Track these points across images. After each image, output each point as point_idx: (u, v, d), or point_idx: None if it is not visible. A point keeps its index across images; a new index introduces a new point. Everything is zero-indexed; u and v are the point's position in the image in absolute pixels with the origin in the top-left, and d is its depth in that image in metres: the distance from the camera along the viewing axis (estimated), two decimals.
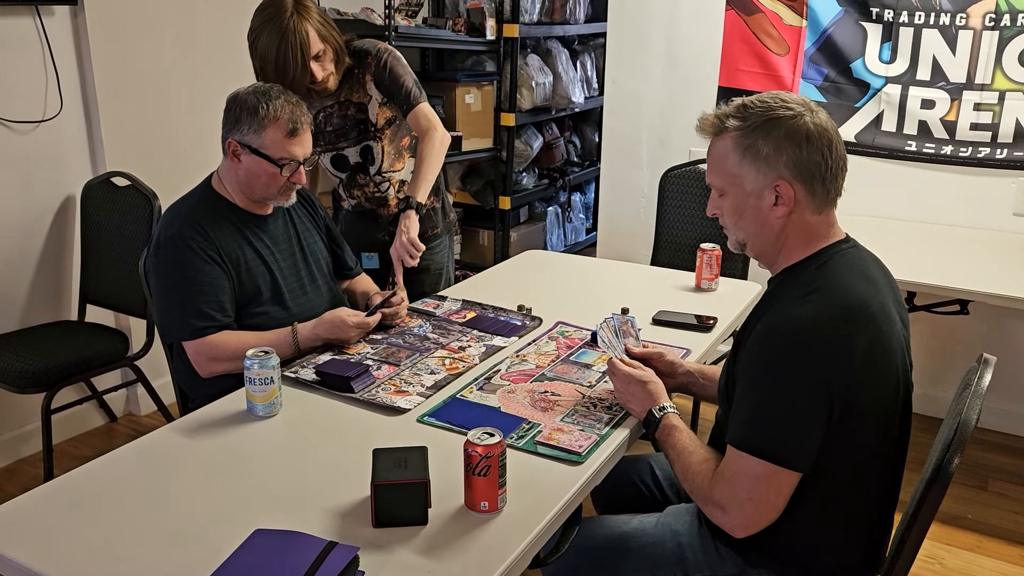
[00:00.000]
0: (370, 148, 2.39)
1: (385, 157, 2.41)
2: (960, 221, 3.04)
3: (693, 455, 1.39)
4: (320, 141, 2.39)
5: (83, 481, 1.35)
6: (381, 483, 1.21)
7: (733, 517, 1.30)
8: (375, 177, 2.43)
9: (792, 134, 1.29)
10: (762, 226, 1.35)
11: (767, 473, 1.26)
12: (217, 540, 1.18)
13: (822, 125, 1.30)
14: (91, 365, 2.57)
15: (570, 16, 4.37)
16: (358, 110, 2.35)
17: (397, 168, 2.45)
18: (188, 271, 1.80)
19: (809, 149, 1.29)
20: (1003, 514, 2.60)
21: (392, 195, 2.45)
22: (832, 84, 3.13)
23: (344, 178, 2.46)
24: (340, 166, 2.44)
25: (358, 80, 2.33)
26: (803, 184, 1.31)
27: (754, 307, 1.40)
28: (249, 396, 1.55)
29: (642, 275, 2.49)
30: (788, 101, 1.32)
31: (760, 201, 1.33)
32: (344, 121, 2.36)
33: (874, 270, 1.35)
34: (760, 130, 1.30)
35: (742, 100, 1.35)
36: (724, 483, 1.30)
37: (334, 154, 2.42)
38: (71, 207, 2.90)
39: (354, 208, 2.50)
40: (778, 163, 1.30)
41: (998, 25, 2.84)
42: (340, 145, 2.40)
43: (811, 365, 1.23)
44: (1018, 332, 3.03)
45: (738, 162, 1.33)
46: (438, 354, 1.84)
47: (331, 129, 2.38)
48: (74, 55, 2.83)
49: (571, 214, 4.99)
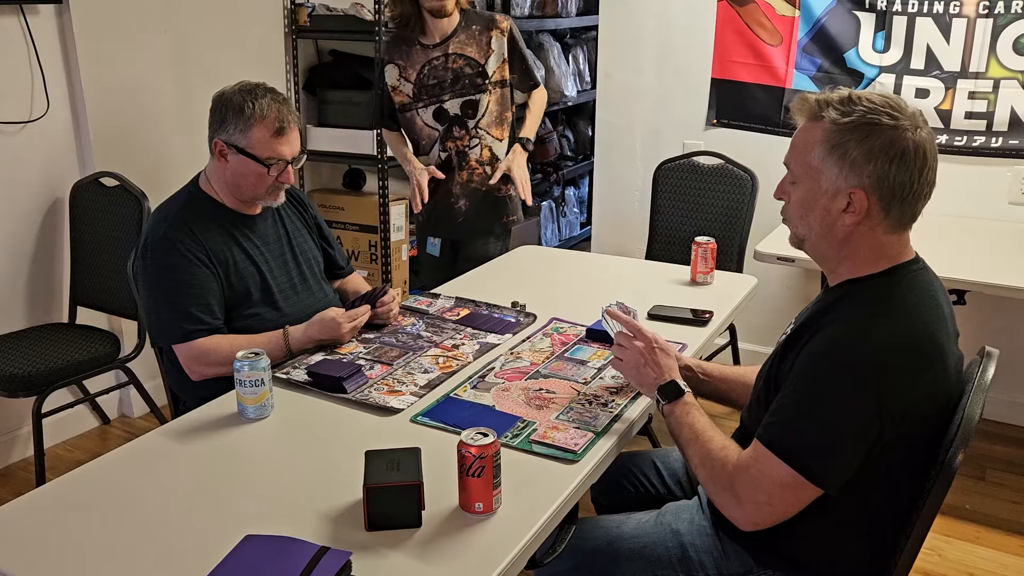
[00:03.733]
0: (473, 102, 2.60)
1: (487, 114, 2.62)
2: (956, 211, 3.02)
3: (713, 440, 1.34)
4: (423, 96, 2.62)
5: (74, 486, 1.34)
6: (373, 486, 1.20)
7: (746, 513, 1.27)
8: (472, 131, 2.61)
9: (888, 147, 1.21)
10: (828, 229, 1.29)
11: (794, 484, 1.22)
12: (207, 546, 1.16)
13: (923, 145, 1.23)
14: (82, 368, 2.55)
15: (562, 9, 4.35)
16: (467, 64, 2.55)
17: (494, 133, 2.65)
18: (176, 274, 1.78)
19: (900, 167, 1.22)
20: (1001, 504, 2.60)
21: (475, 156, 2.65)
22: (826, 74, 3.12)
23: (441, 131, 2.63)
24: (440, 118, 2.62)
25: (476, 36, 2.57)
26: (880, 200, 1.24)
27: (809, 314, 1.33)
28: (240, 398, 1.53)
29: (637, 269, 2.48)
30: (896, 109, 1.23)
31: (832, 202, 1.27)
32: (447, 74, 2.58)
33: (941, 296, 1.30)
34: (857, 131, 1.23)
35: (849, 93, 1.27)
36: (746, 478, 1.26)
37: (436, 107, 2.61)
38: (60, 208, 2.88)
39: (438, 167, 2.65)
40: (862, 172, 1.23)
41: (992, 13, 2.82)
42: (443, 98, 2.60)
43: (873, 390, 1.19)
44: (1016, 322, 3.03)
45: (823, 156, 1.26)
46: (431, 352, 1.82)
47: (434, 82, 2.59)
48: (60, 54, 2.80)
49: (565, 208, 4.97)
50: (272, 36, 3.47)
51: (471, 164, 2.66)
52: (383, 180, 3.52)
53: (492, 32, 2.60)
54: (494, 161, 2.68)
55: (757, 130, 3.26)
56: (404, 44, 2.64)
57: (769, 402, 1.31)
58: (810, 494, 1.23)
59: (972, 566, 2.31)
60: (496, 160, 2.68)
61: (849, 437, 1.20)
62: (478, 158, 2.64)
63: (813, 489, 1.22)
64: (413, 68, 2.62)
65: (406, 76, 2.63)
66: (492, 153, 2.66)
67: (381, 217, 3.60)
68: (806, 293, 3.26)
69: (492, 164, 2.68)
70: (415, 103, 2.65)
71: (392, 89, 2.67)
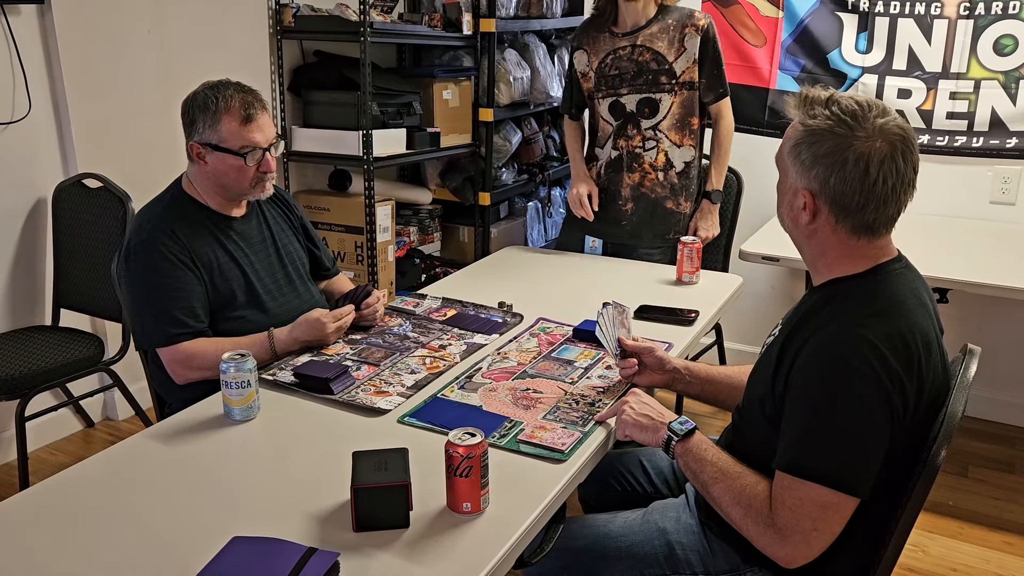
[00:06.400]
0: (652, 100, 2.44)
1: (669, 116, 2.45)
2: (938, 210, 3.05)
3: (743, 476, 1.29)
4: (602, 86, 2.50)
5: (58, 490, 1.33)
6: (361, 486, 1.20)
7: (794, 548, 1.22)
8: (646, 131, 2.46)
9: (830, 154, 1.23)
10: (794, 223, 1.33)
11: (836, 501, 1.19)
12: (194, 548, 1.16)
13: (870, 157, 1.21)
14: (66, 371, 2.53)
15: (547, 10, 4.35)
16: (654, 58, 2.40)
17: (673, 138, 2.48)
18: (160, 277, 1.77)
19: (839, 176, 1.23)
20: (984, 500, 2.62)
21: (649, 160, 2.50)
22: (809, 75, 3.14)
23: (615, 126, 2.51)
24: (615, 112, 2.49)
25: (669, 31, 2.41)
26: (827, 205, 1.26)
27: (797, 318, 1.33)
28: (226, 400, 1.52)
29: (623, 269, 2.48)
30: (858, 118, 1.23)
31: (794, 199, 1.31)
32: (631, 66, 2.43)
33: (925, 294, 1.31)
34: (811, 136, 1.26)
35: (830, 94, 1.27)
36: (785, 510, 1.21)
37: (613, 100, 2.48)
38: (42, 210, 2.85)
39: (607, 164, 2.55)
40: (810, 175, 1.26)
41: (972, 14, 2.85)
42: (620, 91, 2.45)
43: (881, 388, 1.18)
44: (997, 320, 3.06)
45: (787, 153, 1.30)
46: (418, 353, 1.82)
47: (615, 73, 2.44)
48: (42, 55, 2.77)
49: (551, 209, 4.97)
50: (256, 37, 3.45)
51: (644, 167, 2.51)
52: (369, 181, 3.51)
53: (687, 28, 2.43)
54: (669, 168, 2.51)
55: (741, 130, 3.27)
56: (594, 29, 2.54)
57: (765, 408, 1.31)
58: (851, 507, 1.21)
59: (955, 562, 2.33)
60: (672, 168, 2.51)
61: (870, 439, 1.20)
62: (652, 162, 2.48)
63: (852, 501, 1.20)
64: (596, 56, 2.51)
65: (590, 63, 2.53)
66: (668, 159, 2.49)
67: (367, 218, 3.59)
68: (791, 292, 3.28)
69: (667, 171, 2.51)
70: (596, 92, 2.53)
71: (581, 76, 2.57)
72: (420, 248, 4.27)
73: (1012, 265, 2.51)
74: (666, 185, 2.51)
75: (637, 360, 1.66)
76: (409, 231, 4.16)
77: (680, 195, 2.53)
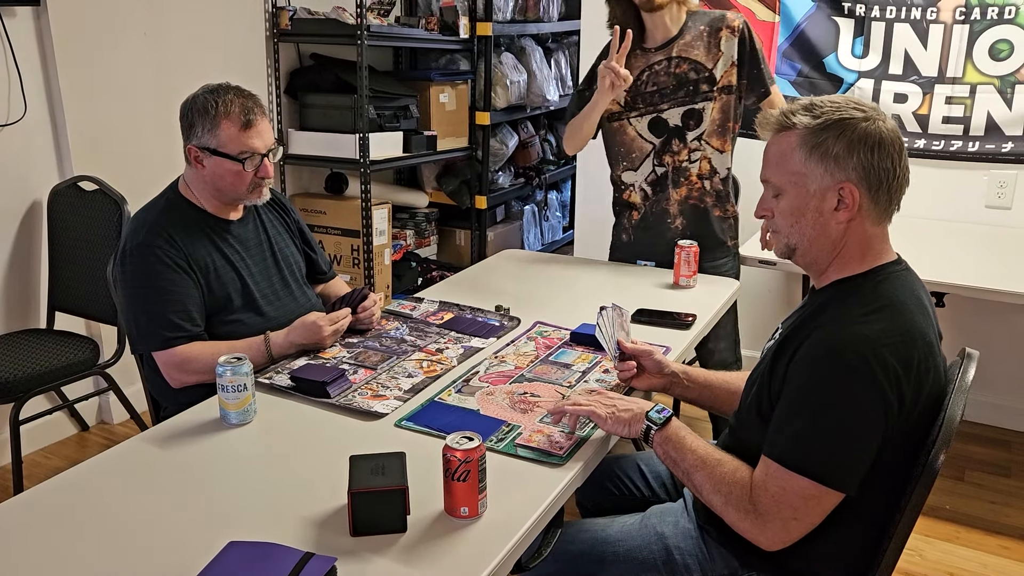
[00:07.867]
0: (696, 111, 2.34)
1: (711, 123, 2.35)
2: (933, 214, 3.06)
3: (723, 463, 1.30)
4: (639, 104, 2.36)
5: (52, 494, 1.32)
6: (358, 491, 1.19)
7: (774, 533, 1.24)
8: (691, 143, 2.37)
9: (865, 137, 1.25)
10: (821, 230, 1.30)
11: (817, 494, 1.21)
12: (190, 553, 1.15)
13: (894, 132, 1.26)
14: (61, 374, 2.52)
15: (543, 14, 4.36)
16: (692, 68, 2.31)
17: (714, 144, 2.38)
18: (156, 280, 1.76)
19: (881, 154, 1.25)
20: (980, 504, 2.62)
21: (695, 171, 2.39)
22: (806, 79, 3.14)
23: (658, 144, 2.39)
24: (657, 129, 2.38)
25: (704, 37, 2.31)
26: (868, 190, 1.26)
27: (799, 319, 1.33)
28: (222, 404, 1.52)
29: (620, 273, 2.48)
30: (859, 104, 1.28)
31: (822, 203, 1.28)
32: (670, 80, 2.33)
33: (924, 297, 1.32)
34: (832, 128, 1.26)
35: (810, 99, 1.30)
36: (767, 496, 1.23)
37: (653, 116, 2.37)
38: (37, 212, 2.84)
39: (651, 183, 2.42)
40: (847, 165, 1.25)
41: (968, 19, 2.86)
42: (661, 107, 2.35)
43: (877, 386, 1.19)
44: (993, 324, 3.06)
45: (804, 160, 1.28)
46: (415, 357, 1.81)
47: (654, 89, 2.34)
48: (38, 57, 2.77)
49: (548, 212, 4.98)
50: (253, 39, 3.45)
51: (691, 179, 2.41)
52: (365, 184, 3.51)
53: (722, 32, 2.31)
54: (713, 175, 2.41)
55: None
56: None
57: (761, 409, 1.31)
58: (833, 500, 1.22)
59: (952, 566, 2.33)
60: (716, 174, 2.41)
61: (861, 437, 1.20)
62: (698, 172, 2.40)
63: (836, 495, 1.21)
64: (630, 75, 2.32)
65: None
66: (712, 166, 2.40)
67: (363, 221, 3.59)
68: (788, 296, 3.28)
69: (711, 178, 2.42)
70: (627, 112, 2.39)
71: None
72: (416, 251, 4.27)
73: (1008, 269, 2.52)
74: (712, 193, 2.43)
75: (636, 363, 1.65)
76: (405, 234, 4.16)
77: (726, 201, 2.47)
